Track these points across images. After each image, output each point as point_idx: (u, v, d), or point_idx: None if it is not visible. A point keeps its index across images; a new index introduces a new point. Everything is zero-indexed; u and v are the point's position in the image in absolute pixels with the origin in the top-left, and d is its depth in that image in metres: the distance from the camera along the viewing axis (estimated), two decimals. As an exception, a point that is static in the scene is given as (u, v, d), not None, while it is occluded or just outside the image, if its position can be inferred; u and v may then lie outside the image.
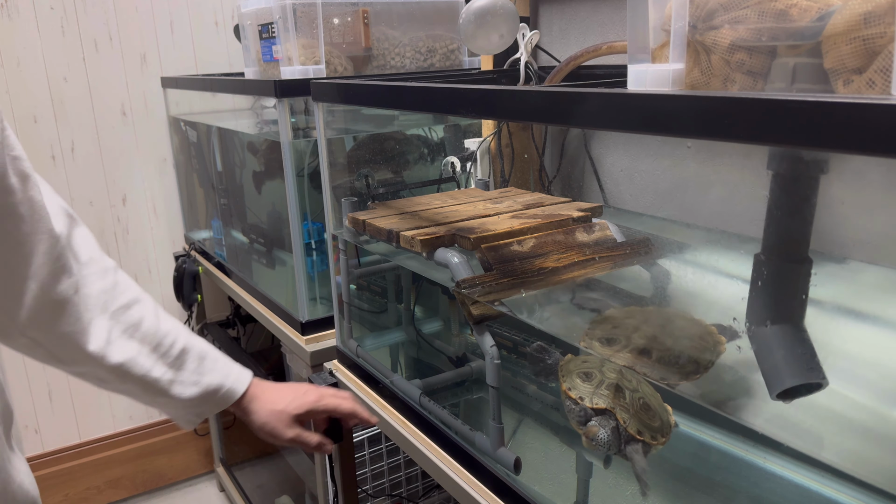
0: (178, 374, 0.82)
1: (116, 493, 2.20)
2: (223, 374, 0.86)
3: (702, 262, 0.82)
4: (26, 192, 0.67)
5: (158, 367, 0.80)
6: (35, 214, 0.69)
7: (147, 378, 0.79)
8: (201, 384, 0.83)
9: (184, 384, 0.82)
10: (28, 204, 0.68)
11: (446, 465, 0.94)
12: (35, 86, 1.89)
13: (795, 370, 0.59)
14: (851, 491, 0.73)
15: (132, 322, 0.78)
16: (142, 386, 0.79)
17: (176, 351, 0.81)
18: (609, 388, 0.79)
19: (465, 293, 0.87)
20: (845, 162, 0.56)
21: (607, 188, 1.25)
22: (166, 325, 0.82)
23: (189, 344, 0.83)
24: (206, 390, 0.84)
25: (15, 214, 0.67)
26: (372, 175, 1.28)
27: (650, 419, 0.78)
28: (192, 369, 0.83)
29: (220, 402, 0.86)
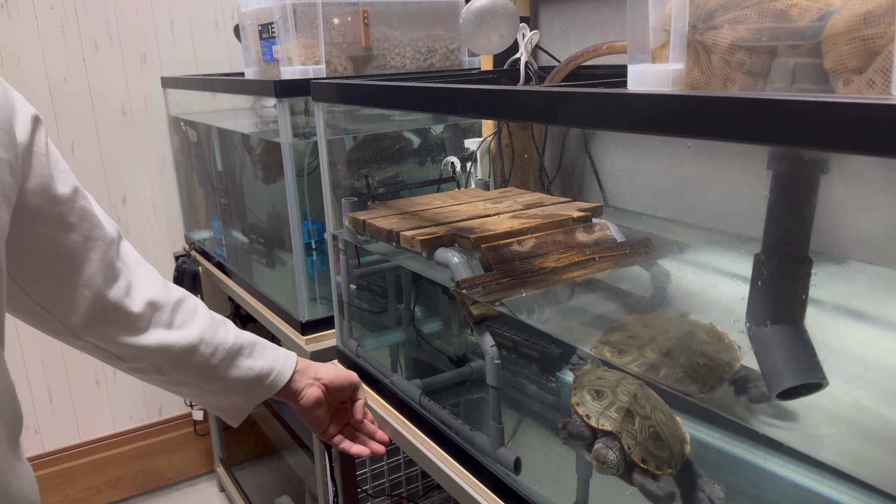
0: (235, 359, 0.85)
1: (116, 493, 2.20)
2: (272, 359, 0.89)
3: (702, 262, 0.82)
4: (76, 201, 0.71)
5: (218, 353, 0.83)
6: (86, 223, 0.72)
7: (208, 363, 0.83)
8: (255, 368, 0.87)
9: (239, 368, 0.86)
10: (79, 213, 0.71)
11: (446, 465, 0.94)
12: (35, 86, 1.89)
13: (795, 370, 0.59)
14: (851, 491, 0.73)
15: (189, 312, 0.82)
16: (200, 373, 0.83)
17: (231, 338, 0.85)
18: (619, 411, 0.78)
19: (465, 293, 0.87)
20: (845, 162, 0.56)
21: (607, 188, 1.25)
22: (218, 316, 0.86)
23: (239, 333, 0.87)
24: (259, 374, 0.87)
25: (65, 224, 0.70)
26: (372, 175, 1.28)
27: (658, 449, 0.76)
28: (247, 354, 0.87)
29: (272, 386, 0.89)
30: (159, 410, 2.24)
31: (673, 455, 0.76)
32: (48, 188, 0.68)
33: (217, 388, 0.86)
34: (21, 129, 0.65)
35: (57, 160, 0.70)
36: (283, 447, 1.82)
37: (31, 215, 0.68)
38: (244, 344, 0.87)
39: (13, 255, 0.69)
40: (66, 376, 2.07)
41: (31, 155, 0.66)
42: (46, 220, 0.69)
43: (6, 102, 0.64)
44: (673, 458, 0.76)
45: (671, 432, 0.78)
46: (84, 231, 0.72)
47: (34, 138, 0.67)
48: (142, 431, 2.21)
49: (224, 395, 0.87)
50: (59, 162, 0.70)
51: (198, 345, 0.81)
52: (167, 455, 2.26)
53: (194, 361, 0.82)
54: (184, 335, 0.80)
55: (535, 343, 1.15)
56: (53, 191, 0.69)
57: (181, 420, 2.26)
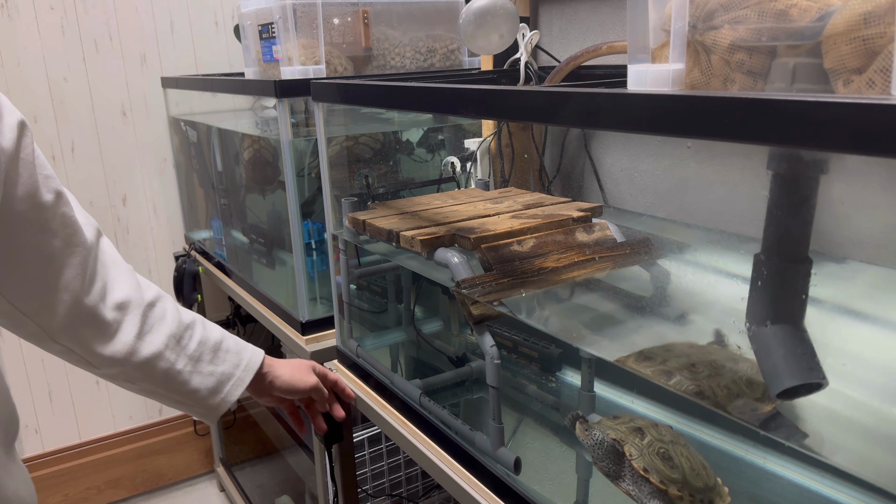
0: (196, 366, 0.86)
1: (116, 493, 2.20)
2: (234, 363, 0.90)
3: (702, 262, 0.82)
4: (59, 207, 0.72)
5: (181, 360, 0.84)
6: (67, 229, 0.73)
7: (171, 371, 0.83)
8: (216, 374, 0.87)
9: (202, 374, 0.86)
10: (60, 219, 0.72)
11: (446, 465, 0.94)
12: (35, 86, 1.89)
13: (795, 370, 0.59)
14: (851, 491, 0.73)
15: (157, 317, 0.82)
16: (166, 381, 0.83)
17: (194, 343, 0.85)
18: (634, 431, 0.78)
19: (465, 293, 0.87)
20: (845, 162, 0.56)
21: (607, 188, 1.25)
22: (186, 317, 0.86)
23: (205, 336, 0.87)
24: (220, 379, 0.88)
25: (48, 230, 0.71)
26: (371, 175, 1.28)
27: (669, 469, 0.75)
28: (209, 360, 0.87)
29: (236, 386, 0.90)
30: (159, 410, 2.24)
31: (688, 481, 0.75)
32: (34, 195, 0.69)
33: (182, 396, 0.86)
34: (7, 136, 0.65)
35: (42, 165, 0.70)
36: (283, 447, 1.83)
37: (15, 221, 0.68)
38: (206, 350, 0.87)
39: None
40: (66, 376, 2.07)
41: (17, 162, 0.67)
42: (30, 226, 0.70)
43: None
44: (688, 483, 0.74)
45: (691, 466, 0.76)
46: (65, 237, 0.73)
47: (20, 144, 0.67)
48: (142, 431, 2.21)
49: (193, 400, 0.87)
50: (44, 167, 0.70)
51: (163, 351, 0.82)
52: (167, 455, 2.26)
53: (160, 367, 0.82)
54: (149, 344, 0.80)
55: (535, 343, 1.15)
56: (39, 198, 0.69)
57: (181, 420, 2.26)
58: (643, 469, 0.74)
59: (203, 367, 0.86)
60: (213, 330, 0.90)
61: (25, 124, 0.68)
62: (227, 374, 0.88)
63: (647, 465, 0.75)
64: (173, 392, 0.85)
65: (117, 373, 0.80)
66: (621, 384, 0.98)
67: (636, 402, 0.95)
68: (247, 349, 0.93)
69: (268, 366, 0.95)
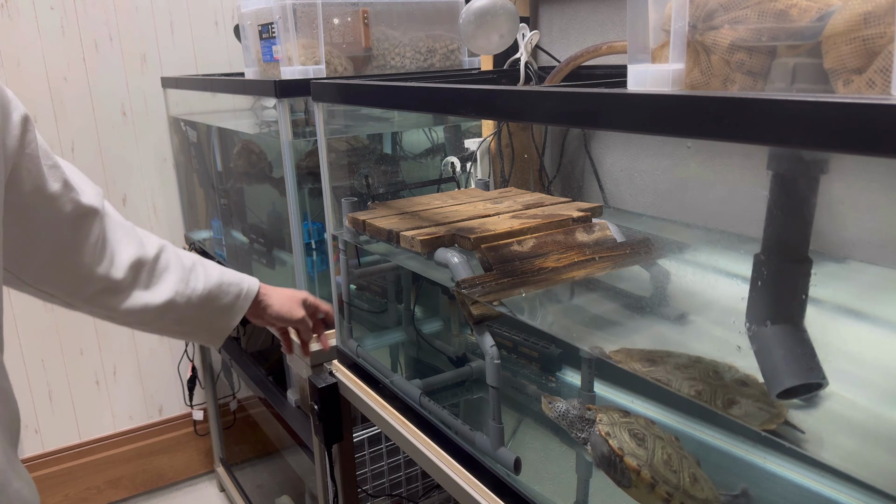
0: (205, 302, 0.93)
1: (116, 493, 2.20)
2: (235, 294, 0.98)
3: (702, 262, 0.82)
4: (67, 195, 0.76)
5: (191, 300, 0.92)
6: (77, 212, 0.78)
7: (183, 310, 0.91)
8: (221, 306, 0.96)
9: (209, 309, 0.94)
10: (70, 205, 0.77)
11: (446, 465, 0.94)
12: (35, 86, 1.89)
13: (795, 370, 0.59)
14: (851, 491, 0.73)
15: (164, 268, 0.89)
16: (180, 320, 0.92)
17: (200, 283, 0.93)
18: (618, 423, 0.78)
19: (465, 293, 0.87)
20: (845, 162, 0.56)
21: (607, 188, 1.25)
22: (188, 261, 0.94)
23: (207, 274, 0.95)
24: (223, 310, 0.96)
25: (60, 218, 0.76)
26: (372, 175, 1.28)
27: (635, 444, 0.75)
28: (215, 295, 0.95)
29: (238, 311, 0.99)
30: (159, 410, 2.24)
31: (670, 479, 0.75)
32: (42, 188, 0.73)
33: (192, 329, 0.95)
34: (12, 132, 0.67)
35: (46, 156, 0.74)
36: (283, 447, 1.82)
37: (28, 214, 0.72)
38: (212, 287, 0.94)
39: (12, 252, 0.73)
40: (66, 376, 2.07)
41: (23, 158, 0.70)
42: (42, 217, 0.74)
43: None
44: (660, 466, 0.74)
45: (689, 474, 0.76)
46: (76, 222, 0.78)
47: (25, 140, 0.69)
48: (142, 431, 2.21)
49: (204, 324, 0.96)
50: (48, 158, 0.74)
51: (174, 297, 0.89)
52: (167, 455, 2.25)
53: (172, 311, 0.90)
54: (160, 294, 0.88)
55: (535, 343, 1.15)
56: (47, 189, 0.73)
57: (181, 420, 2.26)
58: (605, 433, 0.77)
59: (210, 303, 0.94)
60: (213, 267, 0.97)
61: (29, 118, 0.71)
62: (229, 304, 0.97)
63: (610, 431, 0.77)
64: (185, 326, 0.93)
65: (135, 321, 0.88)
66: (621, 384, 0.98)
67: (636, 402, 0.95)
68: (244, 279, 1.00)
69: (263, 294, 1.02)
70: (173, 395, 2.24)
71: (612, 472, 0.76)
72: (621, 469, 0.75)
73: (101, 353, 2.11)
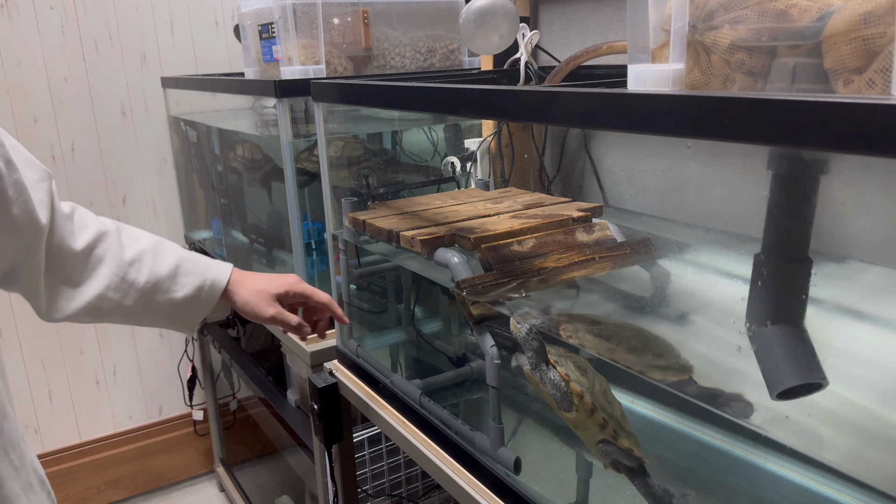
0: (152, 296, 0.86)
1: (116, 493, 2.20)
2: (198, 281, 0.89)
3: (702, 262, 0.82)
4: (10, 175, 0.71)
5: (130, 296, 0.84)
6: (22, 195, 0.73)
7: (121, 307, 0.84)
8: (174, 301, 0.87)
9: (157, 304, 0.87)
10: (14, 187, 0.72)
11: (446, 465, 0.94)
12: (35, 86, 1.89)
13: (795, 370, 0.59)
14: (851, 491, 0.73)
15: (96, 262, 0.83)
16: (120, 315, 0.85)
17: (144, 276, 0.85)
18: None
19: (465, 293, 0.87)
20: (845, 162, 0.56)
21: (607, 188, 1.25)
22: (131, 252, 0.85)
23: (157, 265, 0.87)
24: (184, 299, 0.88)
25: (4, 198, 0.71)
26: (372, 175, 1.28)
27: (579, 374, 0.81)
28: (165, 288, 0.87)
29: (204, 304, 0.90)
30: (159, 410, 2.24)
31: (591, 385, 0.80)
32: None
33: (145, 322, 0.89)
34: None
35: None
36: (283, 447, 1.82)
37: None
38: (159, 279, 0.86)
39: None
40: (66, 376, 2.07)
41: None
42: None
43: None
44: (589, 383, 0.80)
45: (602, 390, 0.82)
46: (20, 203, 0.73)
47: None
48: (142, 431, 2.21)
49: (156, 324, 0.90)
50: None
51: (104, 293, 0.82)
52: (167, 455, 2.25)
53: (105, 308, 0.83)
54: (85, 292, 0.82)
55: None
56: None
57: (181, 420, 2.26)
58: (554, 361, 0.80)
59: (160, 297, 0.86)
60: (168, 256, 0.88)
61: None
62: (188, 296, 0.88)
63: (558, 360, 0.80)
64: (135, 320, 0.87)
65: (68, 320, 0.83)
66: (621, 384, 0.98)
67: (636, 402, 0.95)
68: (210, 269, 0.91)
69: (232, 283, 0.92)
70: (173, 395, 2.24)
71: (557, 396, 0.80)
72: (566, 393, 0.79)
73: (101, 353, 2.11)
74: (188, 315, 0.90)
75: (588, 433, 0.79)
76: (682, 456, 0.88)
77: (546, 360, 0.81)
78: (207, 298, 0.90)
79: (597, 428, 0.78)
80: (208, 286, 0.89)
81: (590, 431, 0.79)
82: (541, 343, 0.81)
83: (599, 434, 0.78)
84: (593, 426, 0.78)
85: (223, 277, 0.91)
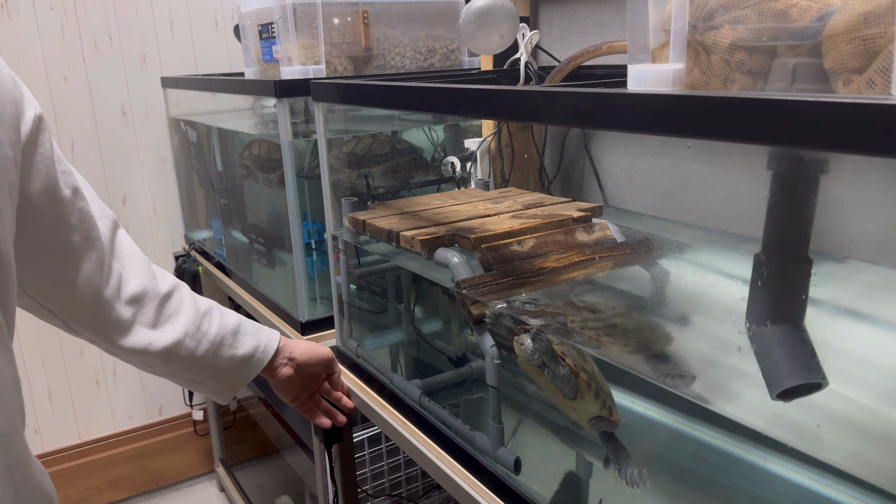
0: (218, 350, 0.89)
1: (116, 493, 2.20)
2: (253, 345, 0.94)
3: (702, 262, 0.82)
4: (76, 203, 0.73)
5: (202, 346, 0.87)
6: (85, 224, 0.74)
7: (192, 357, 0.86)
8: (236, 357, 0.91)
9: (223, 358, 0.90)
10: (78, 214, 0.73)
11: (446, 465, 0.94)
12: (35, 86, 1.89)
13: (795, 370, 0.59)
14: (851, 491, 0.73)
15: (175, 307, 0.85)
16: (186, 365, 0.87)
17: (214, 329, 0.89)
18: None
19: (465, 293, 0.87)
20: (845, 162, 0.56)
21: (607, 188, 1.25)
22: (203, 305, 0.89)
23: (223, 321, 0.91)
24: (240, 361, 0.92)
25: (66, 225, 0.72)
26: (372, 175, 1.28)
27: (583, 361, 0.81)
28: (229, 344, 0.90)
29: (256, 365, 0.94)
30: (159, 410, 2.24)
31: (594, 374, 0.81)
32: (52, 190, 0.70)
33: (203, 377, 0.90)
34: (26, 128, 0.65)
35: (60, 160, 0.71)
36: (283, 447, 1.82)
37: (34, 217, 0.69)
38: (226, 334, 0.90)
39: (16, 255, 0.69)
40: (66, 376, 2.07)
41: (35, 156, 0.67)
42: (49, 222, 0.71)
43: (15, 98, 0.64)
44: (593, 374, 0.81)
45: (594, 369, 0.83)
46: (83, 231, 0.74)
47: (40, 139, 0.68)
48: (142, 431, 2.21)
49: (213, 381, 0.92)
50: (61, 162, 0.71)
51: (182, 339, 0.85)
52: (167, 455, 2.25)
53: (180, 355, 0.85)
54: (167, 334, 0.83)
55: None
56: (57, 193, 0.70)
57: (181, 420, 2.26)
58: (562, 353, 0.81)
59: (224, 351, 0.89)
60: (230, 315, 0.93)
61: (43, 118, 0.69)
62: (247, 355, 0.92)
63: (565, 350, 0.81)
64: (194, 374, 0.89)
65: (138, 361, 0.84)
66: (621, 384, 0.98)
67: (636, 402, 0.95)
68: (264, 330, 0.96)
69: (284, 343, 0.98)
70: (173, 395, 2.24)
71: (564, 388, 0.81)
72: (573, 384, 0.80)
73: (101, 353, 2.11)
74: (239, 375, 0.93)
75: (586, 412, 0.81)
76: (682, 456, 0.88)
77: (554, 357, 0.81)
78: (260, 359, 0.94)
79: (597, 408, 0.80)
80: (262, 347, 0.95)
81: (588, 411, 0.81)
82: (547, 344, 0.81)
83: (598, 412, 0.80)
84: (594, 407, 0.80)
85: (276, 336, 0.97)
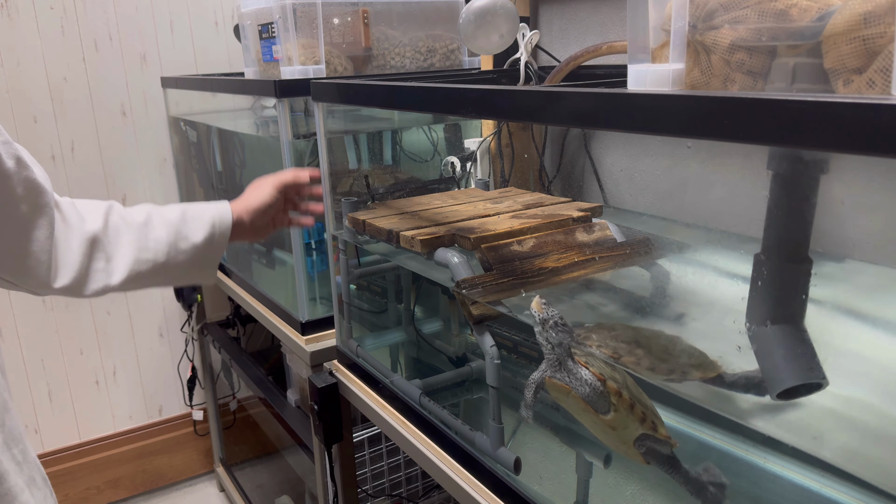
0: (177, 245, 0.88)
1: (116, 493, 2.20)
2: (209, 220, 0.92)
3: (702, 262, 0.82)
4: (21, 172, 0.71)
5: (160, 252, 0.87)
6: (32, 192, 0.72)
7: (156, 265, 0.86)
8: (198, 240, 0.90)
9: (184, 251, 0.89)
10: (24, 184, 0.71)
11: (446, 465, 0.94)
12: (35, 86, 1.89)
13: (795, 370, 0.59)
14: (851, 491, 0.73)
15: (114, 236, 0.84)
16: (154, 274, 0.87)
17: (163, 231, 0.88)
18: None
19: (465, 293, 0.87)
20: (845, 162, 0.56)
21: (607, 188, 1.25)
22: (140, 216, 0.87)
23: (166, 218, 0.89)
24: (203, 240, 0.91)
25: (14, 196, 0.70)
26: (372, 175, 1.28)
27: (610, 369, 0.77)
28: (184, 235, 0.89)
29: (220, 240, 0.93)
30: (159, 410, 2.24)
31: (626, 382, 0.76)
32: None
33: (175, 275, 0.90)
34: None
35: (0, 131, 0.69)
36: (283, 447, 1.82)
37: None
38: (176, 229, 0.89)
39: None
40: (66, 376, 2.07)
41: None
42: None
43: None
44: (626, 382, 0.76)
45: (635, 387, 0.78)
46: (31, 200, 0.73)
47: None
48: (142, 431, 2.21)
49: (184, 276, 0.92)
50: (1, 133, 0.69)
51: (138, 259, 0.84)
52: (167, 455, 2.25)
53: (143, 271, 0.85)
54: (120, 265, 0.83)
55: (535, 343, 1.15)
56: (1, 165, 0.68)
57: (181, 420, 2.26)
58: (585, 362, 0.75)
59: (183, 245, 0.88)
60: (169, 210, 0.91)
61: None
62: (206, 237, 0.90)
63: (589, 360, 0.75)
64: (167, 275, 0.89)
65: (111, 293, 0.84)
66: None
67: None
68: (209, 208, 0.93)
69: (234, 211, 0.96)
70: (173, 395, 2.24)
71: (592, 398, 0.75)
72: (602, 393, 0.74)
73: (100, 353, 2.11)
74: (211, 256, 0.92)
75: (627, 431, 0.74)
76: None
77: (571, 355, 0.76)
78: (222, 233, 0.92)
79: (637, 423, 0.73)
80: (218, 222, 0.92)
81: (629, 430, 0.74)
82: (568, 333, 0.76)
83: (640, 429, 0.73)
84: (633, 422, 0.73)
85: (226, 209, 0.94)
